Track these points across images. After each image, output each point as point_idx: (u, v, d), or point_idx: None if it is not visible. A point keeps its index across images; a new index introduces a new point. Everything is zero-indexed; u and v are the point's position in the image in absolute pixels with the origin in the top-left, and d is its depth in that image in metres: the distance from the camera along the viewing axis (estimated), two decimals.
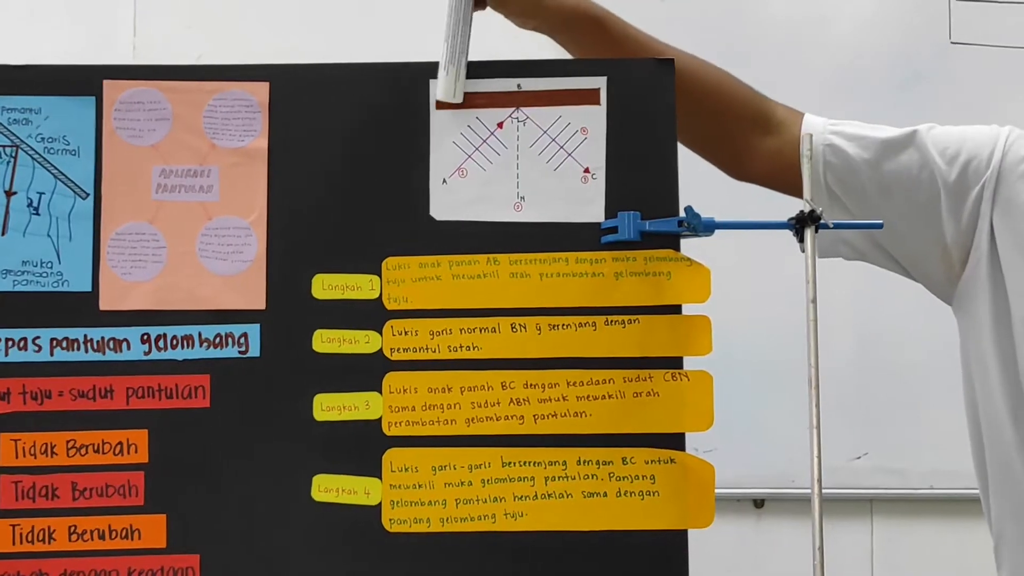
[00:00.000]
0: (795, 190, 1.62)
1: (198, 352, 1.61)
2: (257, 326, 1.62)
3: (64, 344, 1.61)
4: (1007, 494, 1.67)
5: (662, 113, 1.63)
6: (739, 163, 1.79)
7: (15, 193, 1.63)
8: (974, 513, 1.77)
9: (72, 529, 1.59)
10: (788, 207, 1.55)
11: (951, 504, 2.95)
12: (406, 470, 1.59)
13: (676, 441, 1.59)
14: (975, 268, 1.67)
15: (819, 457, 1.45)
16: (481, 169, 1.63)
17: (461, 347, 1.61)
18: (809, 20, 3.05)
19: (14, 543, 1.58)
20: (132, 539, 1.59)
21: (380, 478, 1.59)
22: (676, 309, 1.60)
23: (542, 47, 1.66)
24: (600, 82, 1.64)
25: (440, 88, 1.61)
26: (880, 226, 1.65)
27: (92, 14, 3.13)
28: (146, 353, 1.61)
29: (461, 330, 1.61)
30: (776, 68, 2.89)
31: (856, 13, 3.07)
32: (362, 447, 1.60)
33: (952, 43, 3.01)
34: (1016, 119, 1.75)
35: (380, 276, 1.62)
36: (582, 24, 1.70)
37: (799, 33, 3.01)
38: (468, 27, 1.61)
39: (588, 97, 1.63)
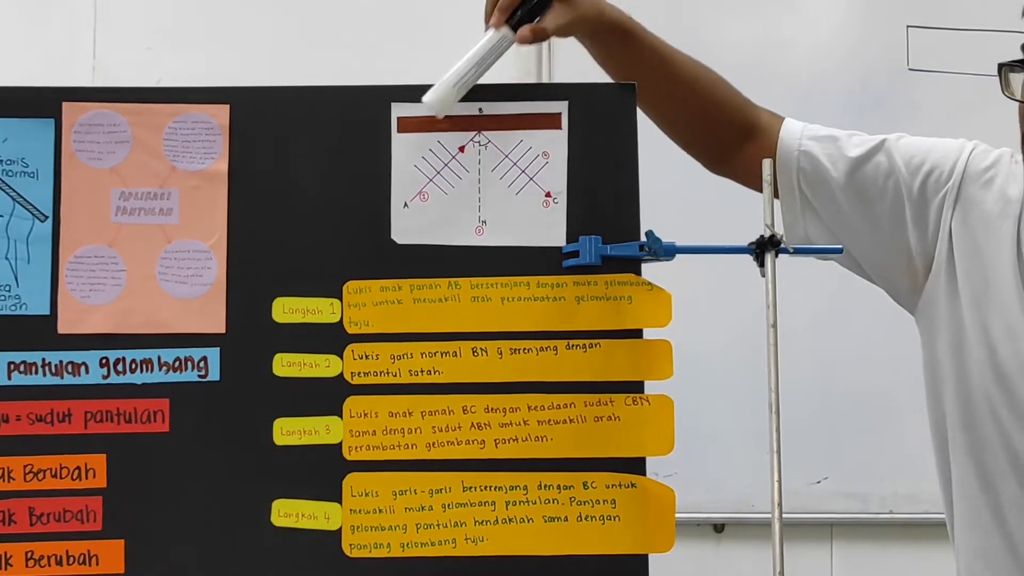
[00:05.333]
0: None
1: (157, 376, 1.60)
2: (217, 350, 1.61)
3: (22, 368, 1.60)
4: (964, 502, 1.69)
5: (623, 138, 1.63)
6: (720, 162, 1.83)
7: None
8: (934, 537, 1.78)
9: (29, 555, 1.58)
10: (749, 231, 1.56)
11: (911, 528, 2.96)
12: (366, 495, 1.59)
13: (637, 465, 1.59)
14: (936, 277, 1.70)
15: (779, 481, 1.46)
16: (443, 193, 1.63)
17: (422, 371, 1.60)
18: (767, 46, 3.07)
19: None
20: (90, 565, 1.58)
21: (340, 503, 1.59)
22: (637, 333, 1.61)
23: (504, 72, 1.66)
24: (562, 106, 1.64)
25: (435, 99, 1.61)
26: (840, 250, 1.67)
27: (51, 36, 3.12)
28: (105, 377, 1.60)
29: (422, 354, 1.60)
30: None
31: (814, 40, 3.09)
32: (322, 472, 1.59)
33: (910, 70, 3.04)
34: None
35: (341, 300, 1.61)
36: (611, 33, 1.72)
37: (757, 59, 3.03)
38: (489, 66, 1.62)
39: (550, 121, 1.64)
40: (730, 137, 1.80)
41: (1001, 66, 1.62)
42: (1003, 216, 1.67)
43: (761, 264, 1.53)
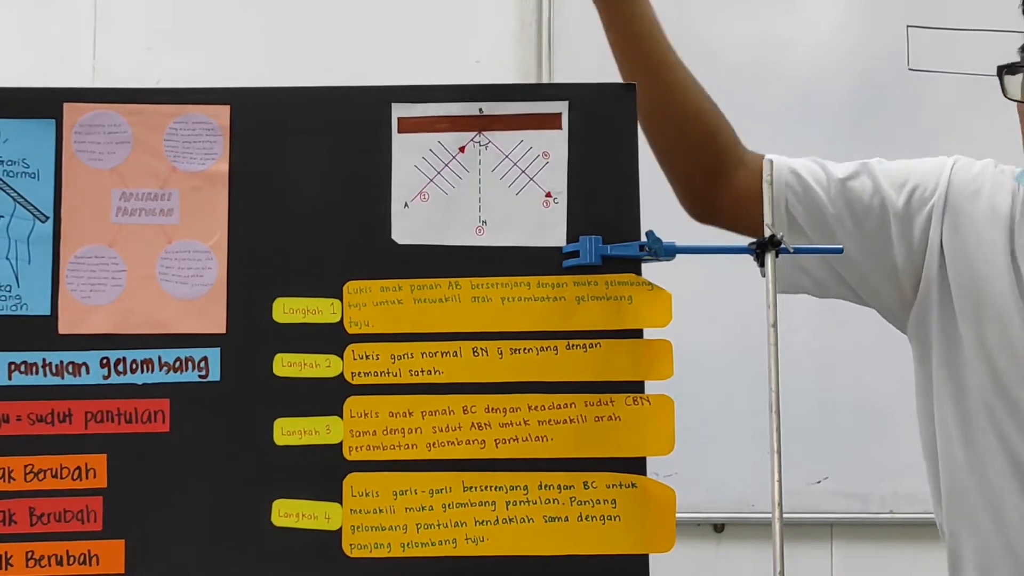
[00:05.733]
0: (754, 228, 1.65)
1: (158, 376, 1.60)
2: (217, 350, 1.61)
3: (22, 368, 1.60)
4: (962, 516, 1.69)
5: (624, 138, 1.63)
6: (707, 198, 1.82)
7: None
8: (934, 537, 1.78)
9: (29, 555, 1.58)
10: None
11: (911, 528, 2.96)
12: (367, 495, 1.59)
13: (637, 465, 1.59)
14: (926, 293, 1.70)
15: (779, 481, 1.46)
16: (443, 193, 1.63)
17: (422, 371, 1.60)
18: (767, 46, 3.07)
19: None
20: (90, 565, 1.58)
21: (341, 503, 1.59)
22: (637, 333, 1.61)
23: (504, 72, 1.66)
24: (562, 106, 1.64)
25: None
26: (840, 250, 1.67)
27: (51, 37, 3.12)
28: (105, 377, 1.60)
29: (422, 354, 1.60)
30: (735, 94, 2.90)
31: (815, 40, 3.09)
32: (323, 472, 1.59)
33: (910, 70, 3.04)
34: (973, 144, 1.78)
35: (341, 300, 1.62)
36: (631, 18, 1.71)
37: (757, 59, 3.03)
38: None
39: (550, 122, 1.64)
40: (718, 164, 1.80)
41: (1000, 69, 1.63)
42: (994, 225, 1.67)
43: (761, 264, 1.53)
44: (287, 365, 1.61)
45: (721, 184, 1.79)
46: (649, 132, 1.79)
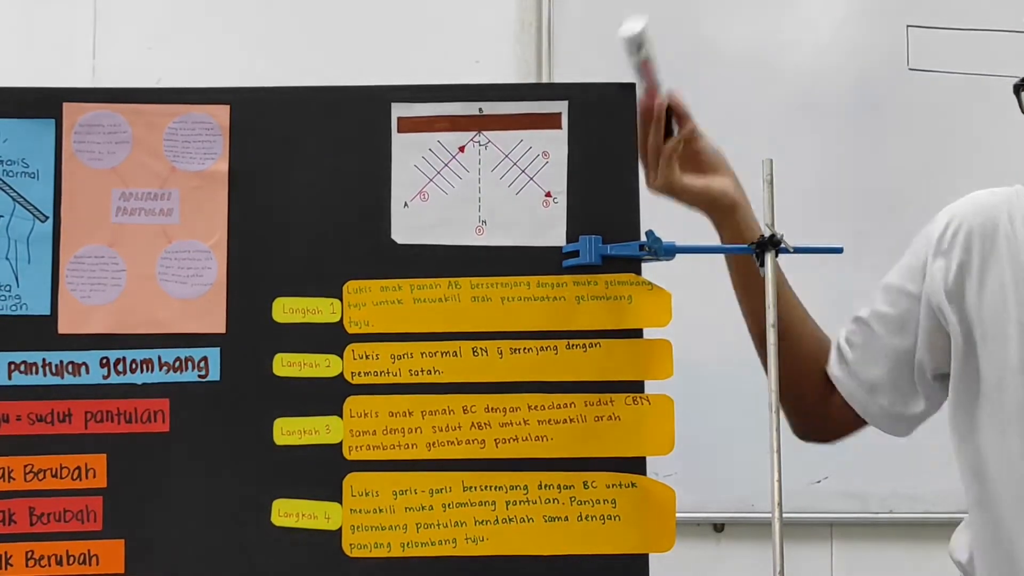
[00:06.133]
0: (853, 426, 1.74)
1: (157, 376, 1.61)
2: (217, 350, 1.61)
3: (22, 368, 1.60)
4: (973, 544, 1.68)
5: (624, 138, 1.63)
6: (818, 415, 1.79)
7: None
8: (933, 537, 1.78)
9: (29, 555, 1.58)
10: None
11: (911, 528, 2.96)
12: (367, 494, 1.59)
13: (637, 465, 1.59)
14: (956, 350, 1.66)
15: (779, 481, 1.46)
16: (443, 193, 1.63)
17: (422, 371, 1.60)
18: (767, 46, 3.07)
19: None
20: (90, 564, 1.58)
21: (340, 502, 1.59)
22: (637, 333, 1.61)
23: (504, 72, 1.66)
24: (561, 106, 1.64)
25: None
26: (840, 250, 1.66)
27: (51, 36, 3.12)
28: (105, 377, 1.60)
29: (422, 354, 1.60)
30: (736, 95, 2.91)
31: (815, 40, 3.09)
32: (322, 471, 1.59)
33: (910, 69, 3.04)
34: (973, 144, 1.77)
35: (341, 300, 1.62)
36: (720, 206, 1.71)
37: (757, 59, 3.03)
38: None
39: (549, 121, 1.64)
40: (828, 385, 1.77)
41: (1016, 87, 1.60)
42: (995, 252, 1.63)
43: (761, 264, 1.53)
44: (287, 365, 1.61)
45: (830, 400, 1.76)
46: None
